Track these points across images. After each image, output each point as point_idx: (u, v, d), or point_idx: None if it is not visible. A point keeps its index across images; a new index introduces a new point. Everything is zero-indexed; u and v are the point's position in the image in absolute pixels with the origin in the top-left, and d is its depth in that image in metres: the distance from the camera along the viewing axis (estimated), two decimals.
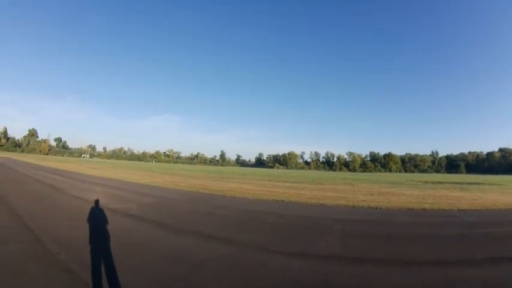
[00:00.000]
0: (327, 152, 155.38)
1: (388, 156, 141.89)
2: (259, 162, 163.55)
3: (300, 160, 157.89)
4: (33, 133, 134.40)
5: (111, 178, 21.60)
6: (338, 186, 23.93)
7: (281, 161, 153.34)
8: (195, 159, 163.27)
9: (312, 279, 4.22)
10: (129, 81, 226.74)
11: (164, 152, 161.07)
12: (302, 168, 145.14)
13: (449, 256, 5.53)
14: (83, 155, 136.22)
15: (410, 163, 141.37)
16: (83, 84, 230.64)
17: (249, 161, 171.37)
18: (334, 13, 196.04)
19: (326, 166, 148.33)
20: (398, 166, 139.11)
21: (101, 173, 26.44)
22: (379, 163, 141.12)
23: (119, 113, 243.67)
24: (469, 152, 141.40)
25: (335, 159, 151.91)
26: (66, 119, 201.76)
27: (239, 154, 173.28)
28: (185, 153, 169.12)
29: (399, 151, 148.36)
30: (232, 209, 10.22)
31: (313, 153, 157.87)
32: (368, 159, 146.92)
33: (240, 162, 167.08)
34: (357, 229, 7.86)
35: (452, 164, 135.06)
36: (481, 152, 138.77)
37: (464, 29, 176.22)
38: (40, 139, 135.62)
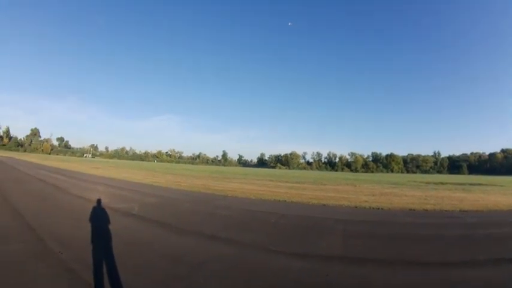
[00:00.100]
0: (329, 152, 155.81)
1: (390, 156, 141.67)
2: (261, 162, 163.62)
3: (302, 160, 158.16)
4: (35, 133, 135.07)
5: (113, 178, 21.65)
6: (340, 186, 23.87)
7: (283, 161, 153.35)
8: (197, 159, 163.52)
9: (314, 279, 4.21)
10: (130, 81, 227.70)
11: (166, 152, 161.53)
12: (304, 168, 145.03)
13: (451, 257, 5.50)
14: (85, 155, 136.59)
15: (412, 164, 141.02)
16: (84, 84, 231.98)
17: (251, 161, 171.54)
18: (334, 13, 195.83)
19: (328, 166, 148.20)
20: (400, 167, 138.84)
21: (103, 173, 26.52)
22: (381, 163, 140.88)
23: (120, 113, 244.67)
24: (471, 153, 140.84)
25: (337, 159, 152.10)
26: (67, 119, 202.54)
27: (241, 154, 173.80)
28: (187, 153, 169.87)
29: (401, 152, 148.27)
30: (234, 209, 10.22)
31: (315, 153, 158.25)
32: (370, 159, 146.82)
33: (242, 162, 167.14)
34: (359, 229, 7.83)
35: (454, 165, 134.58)
36: (484, 153, 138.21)
37: (465, 29, 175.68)
38: (42, 139, 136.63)
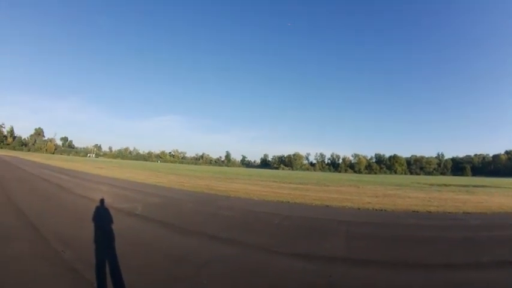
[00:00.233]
0: (332, 154, 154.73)
1: (394, 158, 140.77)
2: (264, 163, 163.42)
3: (305, 161, 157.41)
4: (39, 132, 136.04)
5: (117, 178, 21.74)
6: (343, 187, 23.79)
7: (286, 162, 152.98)
8: (200, 159, 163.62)
9: (317, 280, 4.19)
10: (130, 81, 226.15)
11: (169, 152, 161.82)
12: (307, 169, 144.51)
13: (454, 259, 5.46)
14: (89, 155, 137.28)
15: (415, 165, 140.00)
16: (85, 84, 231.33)
17: (254, 162, 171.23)
18: (334, 13, 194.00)
19: (331, 167, 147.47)
20: (403, 168, 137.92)
21: (107, 173, 26.63)
22: (384, 165, 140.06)
23: (121, 113, 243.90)
24: (475, 155, 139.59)
25: (340, 160, 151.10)
26: (70, 119, 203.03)
27: (244, 155, 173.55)
28: (190, 153, 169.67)
29: (405, 153, 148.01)
30: (237, 210, 10.21)
31: (318, 154, 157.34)
32: (373, 161, 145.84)
33: (245, 163, 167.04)
34: (362, 231, 7.79)
35: (458, 167, 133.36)
36: (487, 155, 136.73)
37: (467, 29, 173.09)
38: (46, 138, 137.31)
